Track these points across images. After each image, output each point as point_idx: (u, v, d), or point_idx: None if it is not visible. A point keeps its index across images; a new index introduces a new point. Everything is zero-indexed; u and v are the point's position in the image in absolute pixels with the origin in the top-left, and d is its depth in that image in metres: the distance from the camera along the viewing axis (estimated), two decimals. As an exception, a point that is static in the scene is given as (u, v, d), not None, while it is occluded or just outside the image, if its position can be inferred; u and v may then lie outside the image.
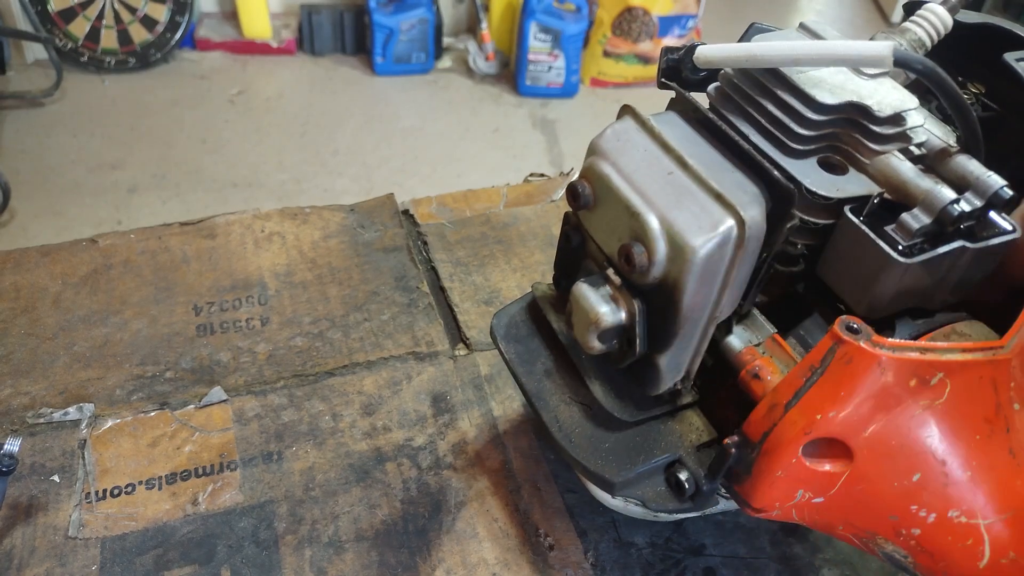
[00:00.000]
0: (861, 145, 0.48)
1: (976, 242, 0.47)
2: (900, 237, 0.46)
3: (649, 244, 0.46)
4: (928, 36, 0.53)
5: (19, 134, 2.57)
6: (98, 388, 0.77)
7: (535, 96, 2.98)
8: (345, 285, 0.89)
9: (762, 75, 0.49)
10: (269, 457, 0.72)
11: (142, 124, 2.67)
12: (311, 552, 0.66)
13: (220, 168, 2.53)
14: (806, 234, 0.49)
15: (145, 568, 0.64)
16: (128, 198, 2.39)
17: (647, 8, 2.94)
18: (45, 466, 0.70)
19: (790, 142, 0.48)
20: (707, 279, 0.46)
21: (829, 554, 0.70)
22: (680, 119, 0.51)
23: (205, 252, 0.92)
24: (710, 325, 0.49)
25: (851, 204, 0.47)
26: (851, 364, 0.44)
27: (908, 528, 0.48)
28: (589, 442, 0.55)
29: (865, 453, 0.47)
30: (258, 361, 0.80)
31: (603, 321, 0.49)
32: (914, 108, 0.48)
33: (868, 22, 3.57)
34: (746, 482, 0.49)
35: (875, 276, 0.46)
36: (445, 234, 0.97)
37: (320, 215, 0.98)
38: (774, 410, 0.46)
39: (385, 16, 2.90)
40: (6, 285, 0.86)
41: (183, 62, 2.97)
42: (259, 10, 2.96)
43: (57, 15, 2.79)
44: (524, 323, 0.62)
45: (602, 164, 0.49)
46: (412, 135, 2.76)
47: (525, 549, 0.67)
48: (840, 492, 0.48)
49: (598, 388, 0.55)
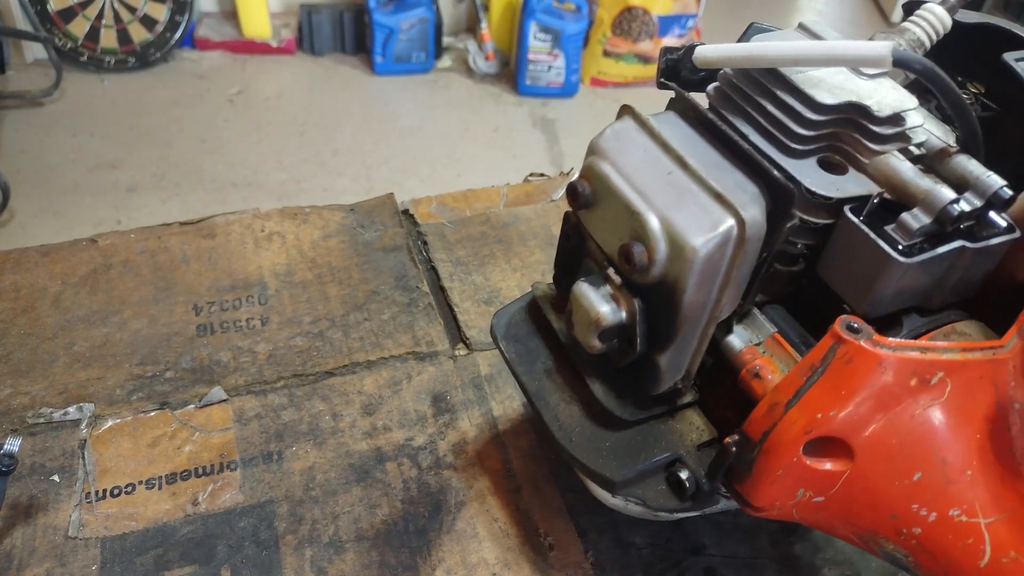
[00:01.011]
0: (861, 145, 0.48)
1: (976, 242, 0.47)
2: (900, 237, 0.46)
3: (649, 243, 0.46)
4: (927, 36, 0.53)
5: (19, 134, 2.57)
6: (98, 388, 0.77)
7: (535, 96, 2.98)
8: (345, 285, 0.89)
9: (761, 75, 0.49)
10: (269, 457, 0.72)
11: (141, 124, 2.67)
12: (311, 552, 0.66)
13: (220, 168, 2.53)
14: (806, 234, 0.49)
15: (145, 568, 0.64)
16: (128, 198, 2.39)
17: (647, 8, 2.94)
18: (45, 466, 0.70)
19: (790, 142, 0.48)
20: (707, 279, 0.46)
21: (829, 554, 0.70)
22: (680, 119, 0.51)
23: (205, 252, 0.92)
24: (710, 324, 0.49)
25: (851, 204, 0.47)
26: (851, 363, 0.44)
27: (909, 527, 0.48)
28: (589, 441, 0.55)
29: (866, 452, 0.47)
30: (258, 361, 0.80)
31: (603, 320, 0.49)
32: (913, 108, 0.48)
33: (868, 22, 3.57)
34: (746, 481, 0.49)
35: (875, 276, 0.46)
36: (445, 234, 0.97)
37: (320, 215, 0.98)
38: (774, 409, 0.46)
39: (385, 15, 2.90)
40: (6, 285, 0.86)
41: (183, 62, 2.97)
42: (259, 10, 2.96)
43: (57, 15, 2.78)
44: (524, 322, 0.62)
45: (602, 164, 0.49)
46: (412, 135, 2.76)
47: (525, 549, 0.67)
48: (840, 491, 0.48)
49: (598, 387, 0.55)
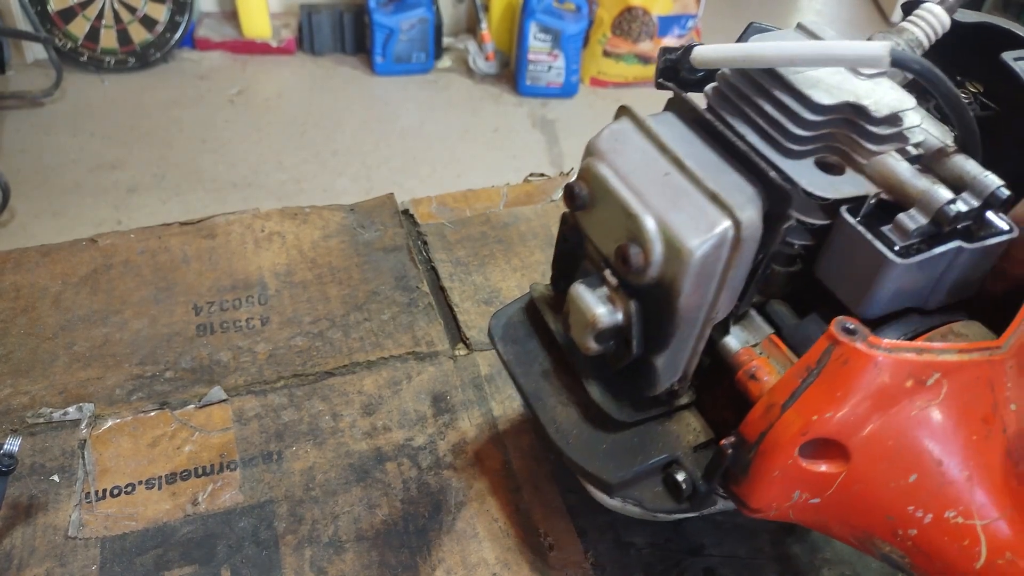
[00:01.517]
0: (858, 145, 0.48)
1: (973, 242, 0.47)
2: (897, 237, 0.46)
3: (645, 245, 0.46)
4: (926, 36, 0.53)
5: (19, 134, 2.57)
6: (98, 388, 0.77)
7: (535, 96, 2.98)
8: (345, 285, 0.89)
9: (759, 75, 0.49)
10: (269, 457, 0.72)
11: (142, 124, 2.67)
12: (311, 552, 0.66)
13: (220, 168, 2.53)
14: (803, 235, 0.49)
15: (145, 568, 0.64)
16: (128, 198, 2.40)
17: (647, 8, 2.94)
18: (45, 466, 0.70)
19: (787, 142, 0.48)
20: (703, 280, 0.46)
21: (828, 554, 0.70)
22: (677, 120, 0.51)
23: (205, 252, 0.92)
24: (707, 326, 0.49)
25: (848, 204, 0.47)
26: (847, 365, 0.44)
27: (905, 529, 0.48)
28: (586, 443, 0.55)
29: (862, 454, 0.47)
30: (258, 361, 0.81)
31: (600, 322, 0.49)
32: (911, 108, 0.48)
33: (868, 22, 3.57)
34: (743, 483, 0.49)
35: (872, 276, 0.46)
36: (445, 234, 0.97)
37: (320, 215, 0.98)
38: (770, 411, 0.46)
39: (385, 16, 2.90)
40: (6, 285, 0.86)
41: (183, 62, 2.97)
42: (259, 10, 2.96)
43: (57, 15, 2.79)
44: (522, 324, 0.62)
45: (599, 165, 0.49)
46: (412, 135, 2.76)
47: (525, 549, 0.67)
48: (837, 493, 0.48)
49: (595, 389, 0.55)
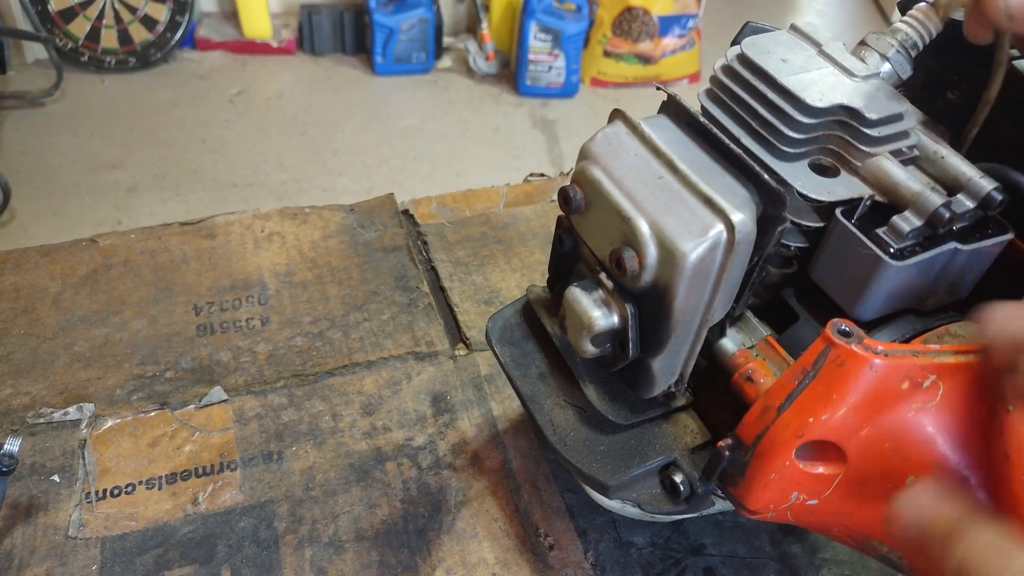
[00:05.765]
0: (852, 147, 0.48)
1: (968, 244, 0.47)
2: (891, 240, 0.46)
3: (639, 249, 0.46)
4: (920, 36, 0.53)
5: (19, 134, 2.58)
6: (98, 388, 0.77)
7: (535, 96, 2.99)
8: (345, 285, 0.89)
9: (752, 77, 0.50)
10: (269, 457, 0.73)
11: (142, 124, 2.68)
12: (311, 552, 0.66)
13: (220, 168, 2.54)
14: (798, 237, 0.49)
15: (145, 568, 0.64)
16: (128, 198, 2.40)
17: (647, 8, 2.94)
18: (45, 466, 0.70)
19: (781, 145, 0.48)
20: (698, 283, 0.46)
21: (828, 554, 0.70)
22: (671, 122, 0.51)
23: (205, 252, 0.92)
24: (702, 328, 0.49)
25: (842, 207, 0.47)
26: (843, 367, 0.44)
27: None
28: (584, 445, 0.55)
29: (858, 456, 0.47)
30: (258, 361, 0.81)
31: (596, 325, 0.49)
32: (905, 110, 0.48)
33: (868, 22, 3.57)
34: (740, 485, 0.49)
35: (867, 279, 0.47)
36: (445, 234, 0.97)
37: (320, 215, 0.98)
38: (767, 413, 0.46)
39: (385, 16, 2.90)
40: (6, 285, 0.86)
41: (183, 62, 2.97)
42: (259, 10, 2.97)
43: (57, 15, 2.79)
44: (519, 326, 0.62)
45: (593, 168, 0.49)
46: (412, 135, 2.76)
47: (525, 549, 0.68)
48: (834, 494, 0.49)
49: (592, 391, 0.55)
